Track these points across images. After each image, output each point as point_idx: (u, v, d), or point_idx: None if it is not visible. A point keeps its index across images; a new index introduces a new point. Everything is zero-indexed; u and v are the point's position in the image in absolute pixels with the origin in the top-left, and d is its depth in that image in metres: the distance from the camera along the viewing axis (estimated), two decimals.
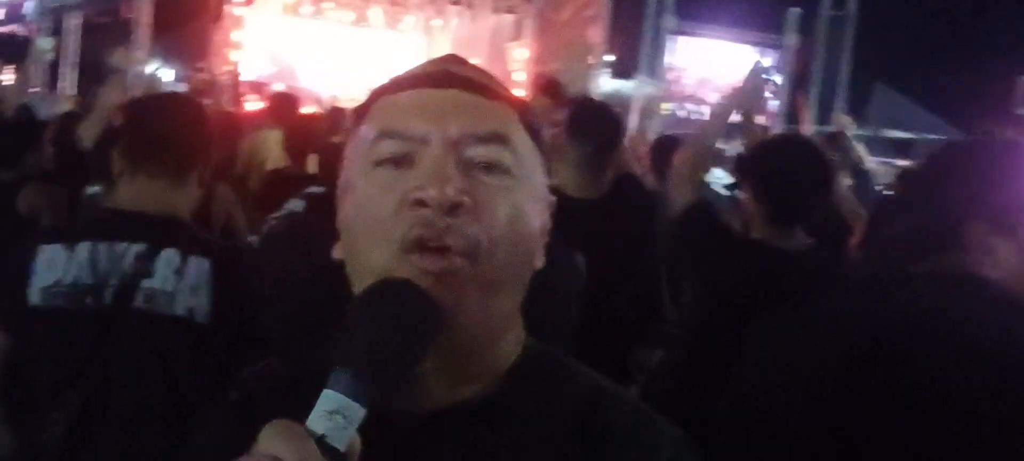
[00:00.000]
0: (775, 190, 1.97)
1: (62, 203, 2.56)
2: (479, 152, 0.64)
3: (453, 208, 0.61)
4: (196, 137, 1.64)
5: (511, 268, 0.65)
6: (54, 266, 1.47)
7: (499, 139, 0.65)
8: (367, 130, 0.67)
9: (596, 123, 2.33)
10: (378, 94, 0.70)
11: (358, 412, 0.55)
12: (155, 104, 1.78)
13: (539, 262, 0.69)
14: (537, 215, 0.68)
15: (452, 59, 0.72)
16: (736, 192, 3.28)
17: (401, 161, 0.64)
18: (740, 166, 2.24)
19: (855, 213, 2.69)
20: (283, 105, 4.79)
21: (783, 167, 1.99)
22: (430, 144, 0.64)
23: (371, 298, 0.59)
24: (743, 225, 2.12)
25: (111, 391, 1.47)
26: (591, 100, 2.56)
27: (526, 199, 0.66)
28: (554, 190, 0.73)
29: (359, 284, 0.64)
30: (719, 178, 4.52)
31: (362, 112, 0.70)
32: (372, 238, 0.64)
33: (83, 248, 1.48)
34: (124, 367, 1.47)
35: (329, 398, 0.55)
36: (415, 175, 0.63)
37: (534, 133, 0.70)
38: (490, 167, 0.65)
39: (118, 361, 1.47)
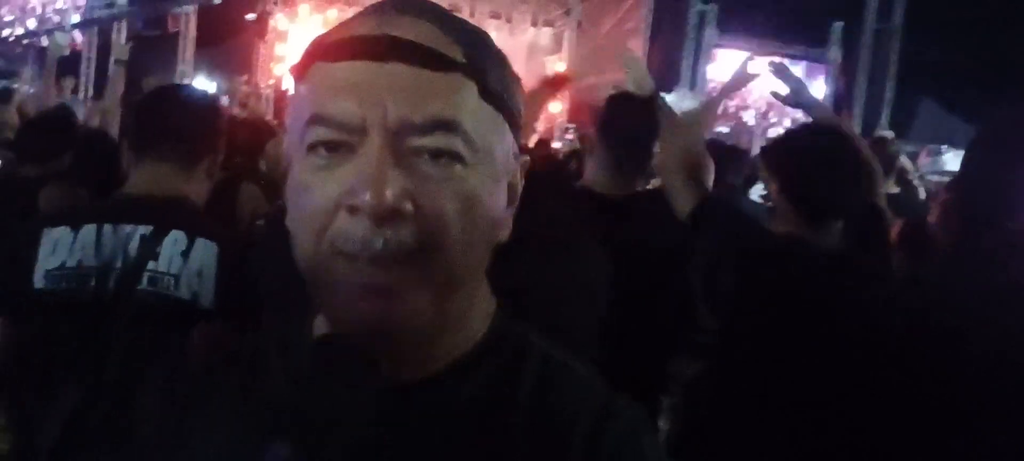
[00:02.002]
0: (806, 184, 1.82)
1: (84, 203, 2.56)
2: (423, 142, 0.57)
3: (391, 216, 0.55)
4: (203, 126, 1.62)
5: (464, 261, 0.59)
6: (59, 249, 1.45)
7: (445, 125, 0.58)
8: (303, 100, 0.60)
9: (628, 121, 2.21)
10: (315, 55, 0.61)
11: None
12: (162, 93, 1.77)
13: (503, 235, 0.64)
14: (499, 193, 0.63)
15: (397, 5, 0.61)
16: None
17: (337, 148, 0.58)
18: (765, 158, 2.05)
19: (890, 216, 2.54)
20: None
21: (813, 159, 1.84)
22: (367, 134, 0.57)
23: (311, 364, 0.58)
24: (772, 222, 1.98)
25: (111, 379, 1.43)
26: (627, 96, 2.43)
27: (482, 182, 0.60)
28: (583, 188, 0.67)
29: (301, 266, 0.60)
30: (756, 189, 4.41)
31: (301, 69, 0.62)
32: (305, 233, 0.59)
33: (88, 230, 1.45)
34: (126, 350, 1.43)
35: None
36: (351, 171, 0.57)
37: (496, 98, 0.61)
38: (437, 155, 0.58)
39: (120, 344, 1.43)
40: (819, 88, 13.04)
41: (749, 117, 12.71)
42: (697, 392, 2.29)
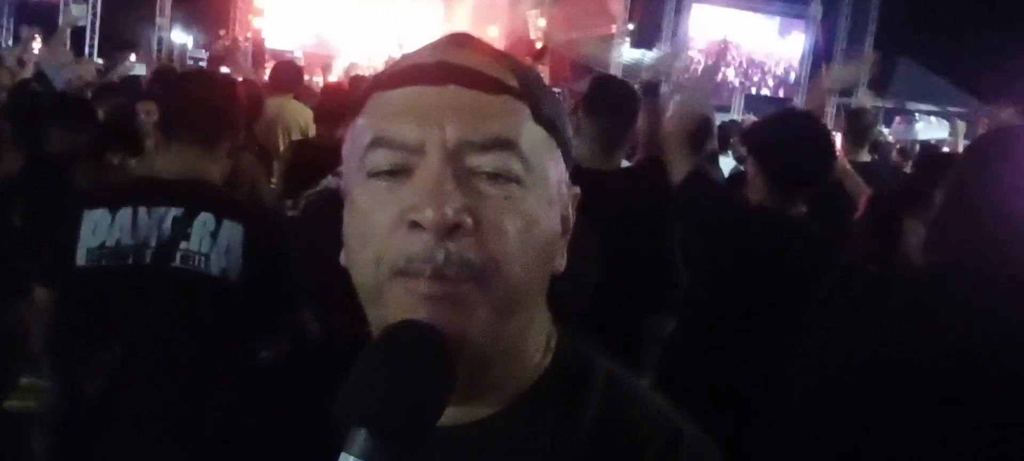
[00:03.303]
0: (778, 161, 2.05)
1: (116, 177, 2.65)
2: (482, 161, 0.58)
3: (452, 230, 0.55)
4: (226, 109, 1.74)
5: (527, 284, 0.59)
6: (99, 230, 1.57)
7: (503, 144, 0.58)
8: (362, 128, 0.61)
9: (612, 99, 2.41)
10: (373, 88, 0.63)
11: None
12: (188, 79, 1.88)
13: (560, 265, 0.64)
14: (554, 217, 0.62)
15: (454, 41, 0.64)
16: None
17: (396, 172, 0.58)
18: (748, 138, 2.34)
19: (858, 188, 2.77)
20: (285, 75, 4.88)
21: (786, 140, 2.08)
22: (426, 154, 0.57)
23: (384, 347, 0.55)
24: (747, 194, 2.20)
25: (149, 343, 1.57)
26: (609, 76, 2.64)
27: (539, 204, 0.60)
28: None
29: (361, 296, 0.61)
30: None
31: (358, 105, 0.64)
32: (366, 256, 0.59)
33: (125, 213, 1.58)
34: (162, 321, 1.58)
35: None
36: (411, 190, 0.57)
37: (549, 124, 0.62)
38: (495, 176, 0.58)
39: (156, 315, 1.58)
40: (799, 43, 13.16)
41: (731, 74, 12.82)
42: (674, 345, 2.48)
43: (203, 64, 9.71)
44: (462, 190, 0.56)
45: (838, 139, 3.78)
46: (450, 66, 0.60)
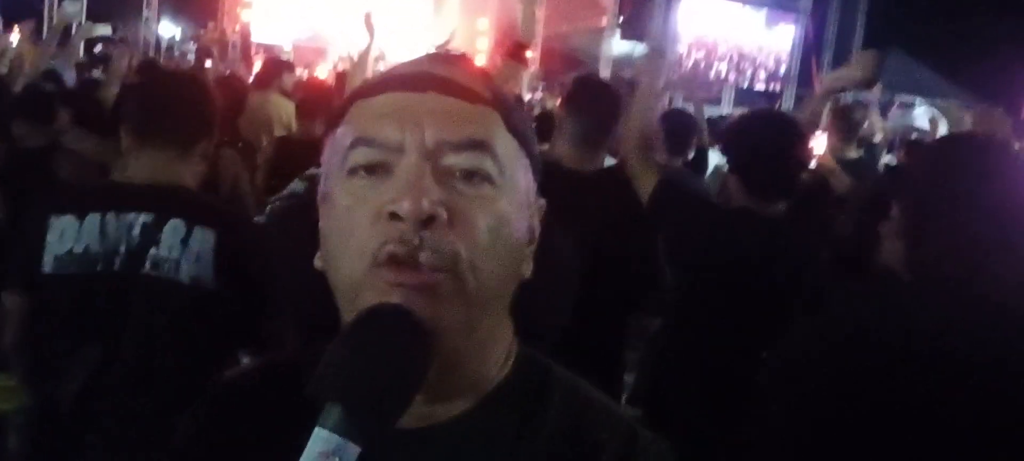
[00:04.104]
0: (751, 163, 2.05)
1: (95, 170, 2.62)
2: (457, 160, 0.61)
3: (428, 222, 0.59)
4: (200, 111, 1.70)
5: (494, 281, 0.62)
6: (66, 236, 1.54)
7: (478, 146, 0.62)
8: (343, 134, 0.65)
9: (595, 99, 2.38)
10: (354, 97, 0.67)
11: (353, 453, 0.52)
12: (160, 80, 1.84)
13: (527, 271, 0.67)
14: (523, 221, 0.65)
15: (435, 59, 0.68)
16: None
17: (376, 170, 0.62)
18: (722, 140, 2.34)
19: (845, 185, 2.76)
20: (270, 70, 4.87)
21: (758, 141, 2.07)
22: (405, 152, 0.61)
23: (361, 327, 0.57)
24: (725, 197, 2.19)
25: (120, 352, 1.55)
26: (591, 76, 2.63)
27: (510, 207, 0.63)
28: (552, 163, 0.73)
29: (339, 296, 0.63)
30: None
31: (338, 115, 0.67)
32: (346, 251, 0.61)
33: (93, 219, 1.54)
34: (133, 329, 1.55)
35: (321, 439, 0.52)
36: (390, 186, 0.60)
37: (520, 135, 0.66)
38: (470, 176, 0.62)
39: (127, 323, 1.55)
40: (788, 36, 13.16)
41: (723, 69, 12.81)
42: (660, 346, 2.48)
43: (191, 56, 9.69)
44: (439, 186, 0.60)
45: (826, 136, 3.78)
46: (430, 75, 0.65)
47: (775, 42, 13.28)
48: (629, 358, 2.78)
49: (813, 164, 3.01)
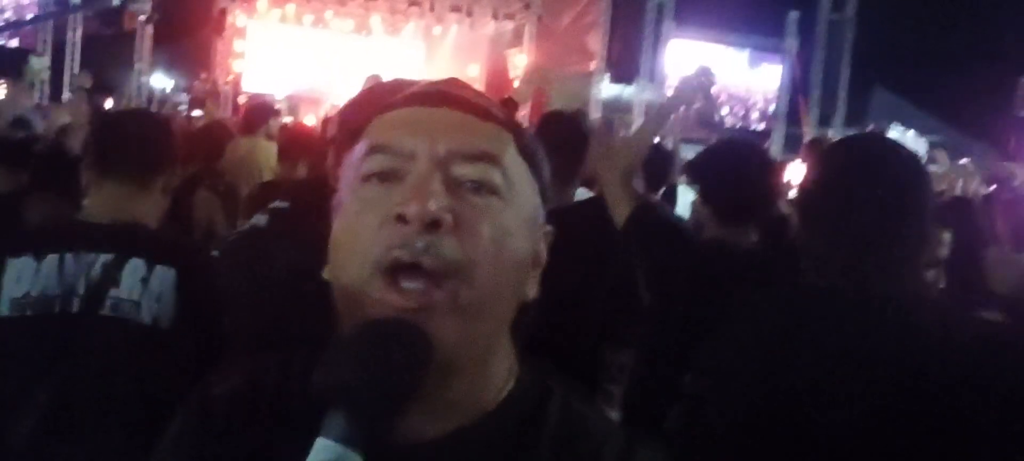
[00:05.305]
0: (719, 193, 2.07)
1: (66, 214, 2.62)
2: (467, 171, 0.63)
3: (433, 225, 0.60)
4: (157, 146, 1.72)
5: (494, 292, 0.62)
6: (23, 278, 1.53)
7: (488, 158, 0.64)
8: (360, 147, 0.67)
9: (563, 135, 2.41)
10: (373, 114, 0.69)
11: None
12: (118, 117, 1.86)
13: (530, 292, 0.67)
14: (528, 239, 0.66)
15: (452, 81, 0.71)
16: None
17: (388, 177, 0.63)
18: (691, 170, 2.34)
19: None
20: (256, 115, 4.91)
21: (725, 171, 2.09)
22: (417, 159, 0.63)
23: (362, 336, 0.58)
24: (696, 226, 2.20)
25: (78, 393, 1.53)
26: (558, 112, 2.66)
27: (515, 221, 0.64)
28: None
29: (341, 303, 0.64)
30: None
31: (357, 131, 0.69)
32: (352, 255, 0.62)
33: (51, 260, 1.54)
34: (91, 370, 1.53)
35: (325, 448, 0.54)
36: (400, 191, 0.62)
37: (530, 158, 0.68)
38: (478, 186, 0.63)
39: (85, 364, 1.53)
40: (776, 76, 13.32)
41: (724, 111, 12.94)
42: (636, 379, 2.47)
43: (183, 107, 9.76)
44: (448, 193, 0.61)
45: (804, 169, 3.82)
46: (445, 92, 0.68)
47: (760, 82, 13.44)
48: (614, 393, 2.76)
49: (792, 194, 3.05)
